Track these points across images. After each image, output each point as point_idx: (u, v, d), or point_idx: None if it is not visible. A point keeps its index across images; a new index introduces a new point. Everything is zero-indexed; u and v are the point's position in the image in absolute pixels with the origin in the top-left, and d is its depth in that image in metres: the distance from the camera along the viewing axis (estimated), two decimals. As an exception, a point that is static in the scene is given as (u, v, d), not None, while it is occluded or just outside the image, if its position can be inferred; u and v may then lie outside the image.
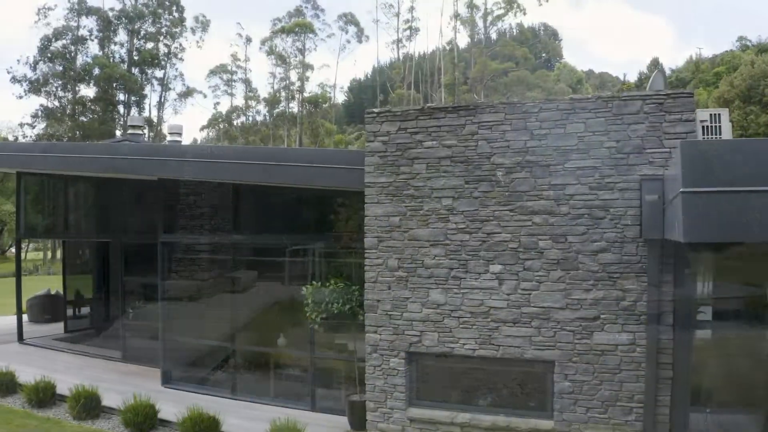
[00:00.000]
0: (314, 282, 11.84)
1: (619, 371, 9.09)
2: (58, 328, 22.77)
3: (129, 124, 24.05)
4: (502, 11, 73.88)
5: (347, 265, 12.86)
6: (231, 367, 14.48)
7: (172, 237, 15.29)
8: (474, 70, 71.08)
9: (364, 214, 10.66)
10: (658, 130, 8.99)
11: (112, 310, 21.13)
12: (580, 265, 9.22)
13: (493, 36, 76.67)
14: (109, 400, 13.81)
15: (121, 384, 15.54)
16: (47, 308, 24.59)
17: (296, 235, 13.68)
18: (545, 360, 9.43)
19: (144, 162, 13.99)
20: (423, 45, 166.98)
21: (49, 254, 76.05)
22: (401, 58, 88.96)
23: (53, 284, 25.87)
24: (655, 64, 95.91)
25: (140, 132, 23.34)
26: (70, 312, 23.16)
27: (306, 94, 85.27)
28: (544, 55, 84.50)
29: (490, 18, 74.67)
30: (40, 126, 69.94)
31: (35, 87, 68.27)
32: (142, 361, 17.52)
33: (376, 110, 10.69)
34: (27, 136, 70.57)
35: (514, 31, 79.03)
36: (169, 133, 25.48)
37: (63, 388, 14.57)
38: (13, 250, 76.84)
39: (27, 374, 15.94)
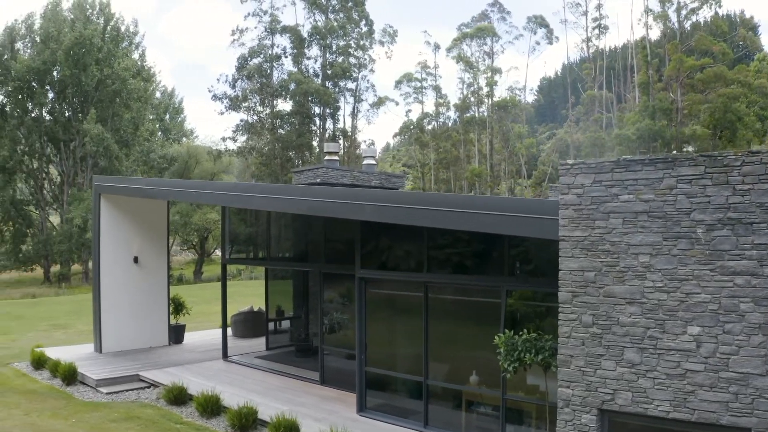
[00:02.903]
0: (506, 330, 11.95)
1: (819, 443, 8.67)
2: (259, 343, 24.09)
3: (325, 150, 25.08)
4: (696, 4, 70.67)
5: (540, 310, 12.93)
6: (424, 399, 14.82)
7: (368, 272, 15.89)
8: (669, 68, 68.31)
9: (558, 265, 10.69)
10: None
11: (310, 329, 22.14)
12: (784, 331, 8.85)
13: (687, 28, 73.18)
14: (306, 427, 14.56)
15: (317, 410, 16.33)
16: (250, 324, 26.10)
17: (488, 276, 13.88)
18: (741, 427, 9.06)
19: (341, 205, 14.55)
20: (613, 42, 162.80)
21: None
22: (591, 56, 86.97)
23: (255, 289, 27.20)
24: None
25: (336, 158, 24.24)
26: (271, 327, 24.49)
27: (495, 99, 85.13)
28: (741, 43, 79.87)
29: (683, 12, 71.57)
30: (241, 139, 74.09)
31: (235, 104, 72.29)
32: (339, 385, 18.30)
33: (570, 162, 10.66)
34: (229, 149, 74.82)
35: (709, 23, 74.98)
36: (364, 157, 26.38)
37: (264, 413, 15.46)
38: (217, 252, 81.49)
39: (230, 395, 17.07)
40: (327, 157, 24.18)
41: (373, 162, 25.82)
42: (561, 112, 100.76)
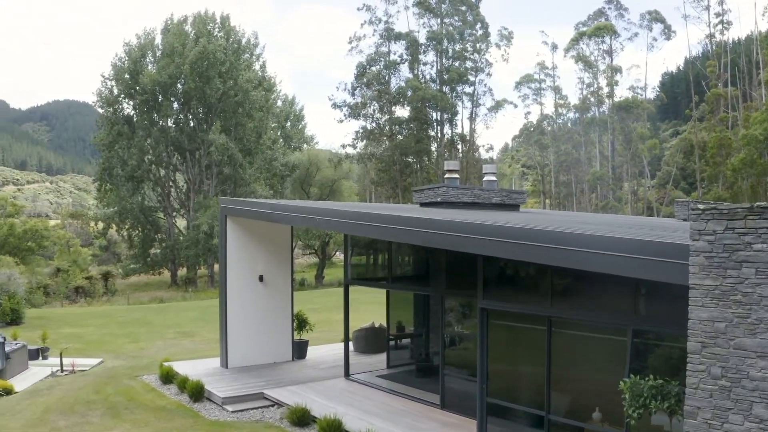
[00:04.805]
0: (632, 375, 11.77)
1: None
2: (380, 360, 24.30)
3: (445, 168, 25.20)
4: (818, -4, 67.63)
5: (665, 352, 12.68)
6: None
7: (490, 303, 15.89)
8: (795, 65, 65.52)
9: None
10: None
11: (431, 347, 22.20)
12: None
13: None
14: (426, 458, 14.69)
15: (436, 438, 16.42)
16: (371, 341, 26.45)
17: (614, 314, 13.64)
18: None
19: (460, 239, 14.52)
20: (736, 35, 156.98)
21: (371, 260, 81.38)
22: (714, 52, 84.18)
23: (374, 296, 27.40)
24: None
25: (456, 176, 24.31)
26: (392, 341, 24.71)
27: (616, 99, 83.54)
28: None
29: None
30: (360, 145, 75.28)
31: (354, 112, 73.53)
32: (459, 410, 18.23)
33: (701, 207, 10.34)
34: (349, 155, 76.15)
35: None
36: (485, 173, 26.36)
37: (383, 439, 15.69)
38: (338, 254, 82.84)
39: (351, 418, 17.30)
40: (447, 176, 24.25)
41: (494, 178, 25.75)
42: (684, 112, 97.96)
